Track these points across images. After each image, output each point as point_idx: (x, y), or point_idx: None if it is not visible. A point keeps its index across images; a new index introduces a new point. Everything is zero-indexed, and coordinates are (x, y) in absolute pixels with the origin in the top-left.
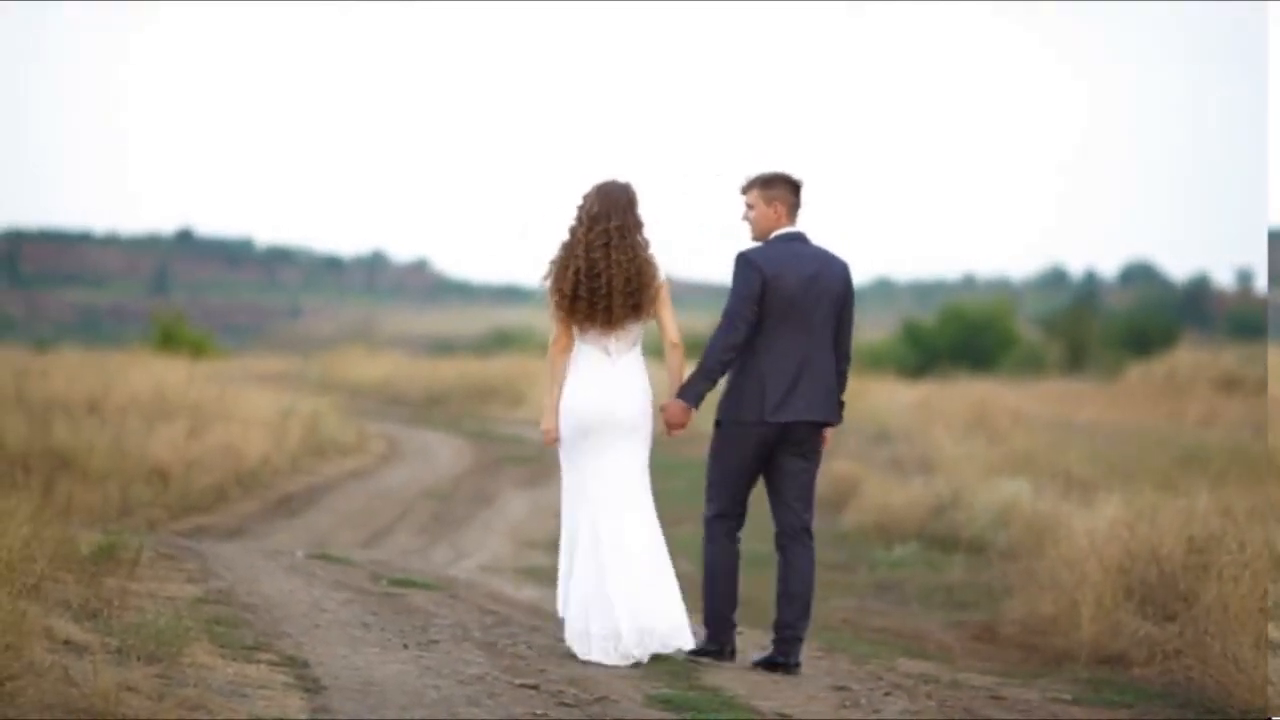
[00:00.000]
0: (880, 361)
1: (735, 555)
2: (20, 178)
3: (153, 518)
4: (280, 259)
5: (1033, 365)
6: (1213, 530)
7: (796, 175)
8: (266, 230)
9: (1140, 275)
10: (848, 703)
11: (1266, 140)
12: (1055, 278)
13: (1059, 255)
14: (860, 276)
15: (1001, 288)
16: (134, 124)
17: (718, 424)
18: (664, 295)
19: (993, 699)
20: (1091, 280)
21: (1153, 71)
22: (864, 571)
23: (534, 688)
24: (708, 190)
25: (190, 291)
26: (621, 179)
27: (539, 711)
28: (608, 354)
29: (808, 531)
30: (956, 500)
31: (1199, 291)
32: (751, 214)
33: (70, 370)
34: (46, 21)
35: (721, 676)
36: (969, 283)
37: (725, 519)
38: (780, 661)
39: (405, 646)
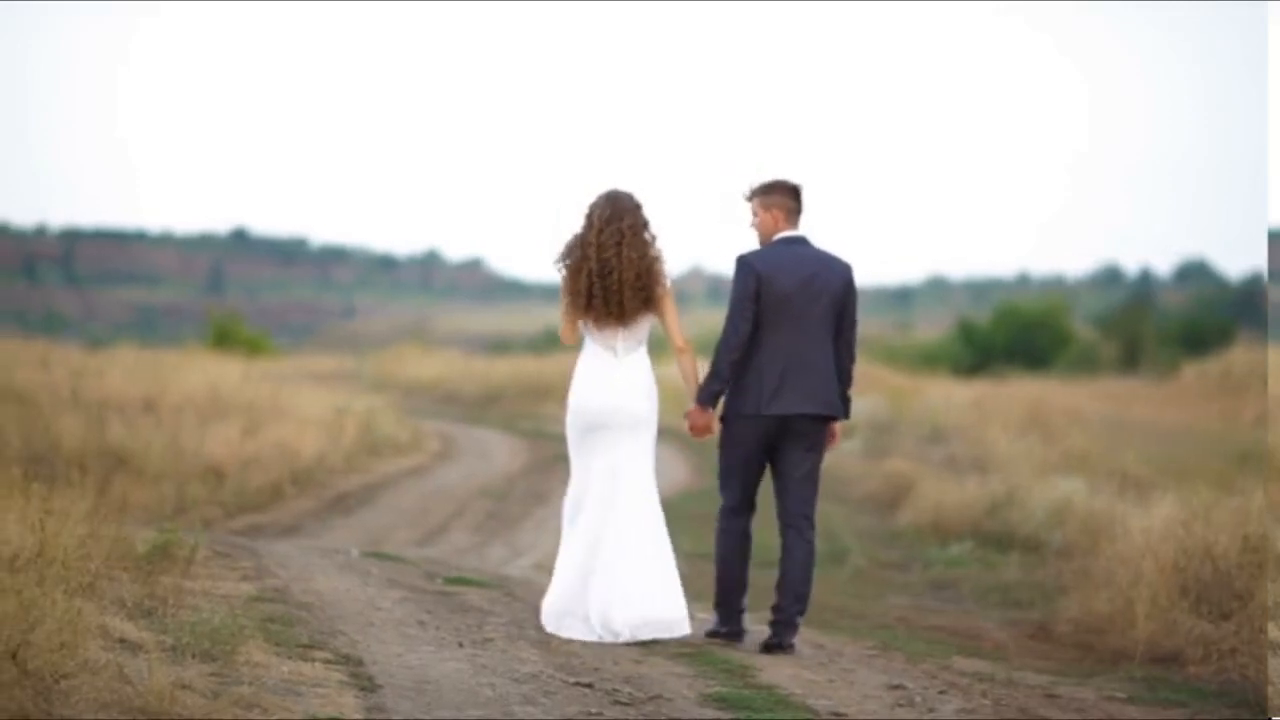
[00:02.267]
0: (935, 360)
1: (745, 545)
2: (75, 177)
3: (208, 516)
4: (335, 258)
5: (1087, 364)
6: (1268, 529)
7: (794, 181)
8: (321, 229)
9: (1195, 274)
10: (903, 701)
11: (1267, 139)
12: (1110, 276)
13: (1114, 253)
14: (914, 275)
15: (1056, 286)
16: (189, 123)
17: (722, 419)
18: (670, 299)
19: (1048, 698)
20: (1146, 279)
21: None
22: (919, 570)
23: (588, 686)
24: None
25: (245, 290)
26: (624, 189)
27: (593, 710)
28: (614, 354)
29: (807, 519)
30: (1011, 499)
31: (1254, 290)
32: (755, 221)
33: (126, 369)
34: (101, 21)
35: (776, 674)
36: (1023, 281)
37: (735, 509)
38: (774, 644)
39: (460, 645)
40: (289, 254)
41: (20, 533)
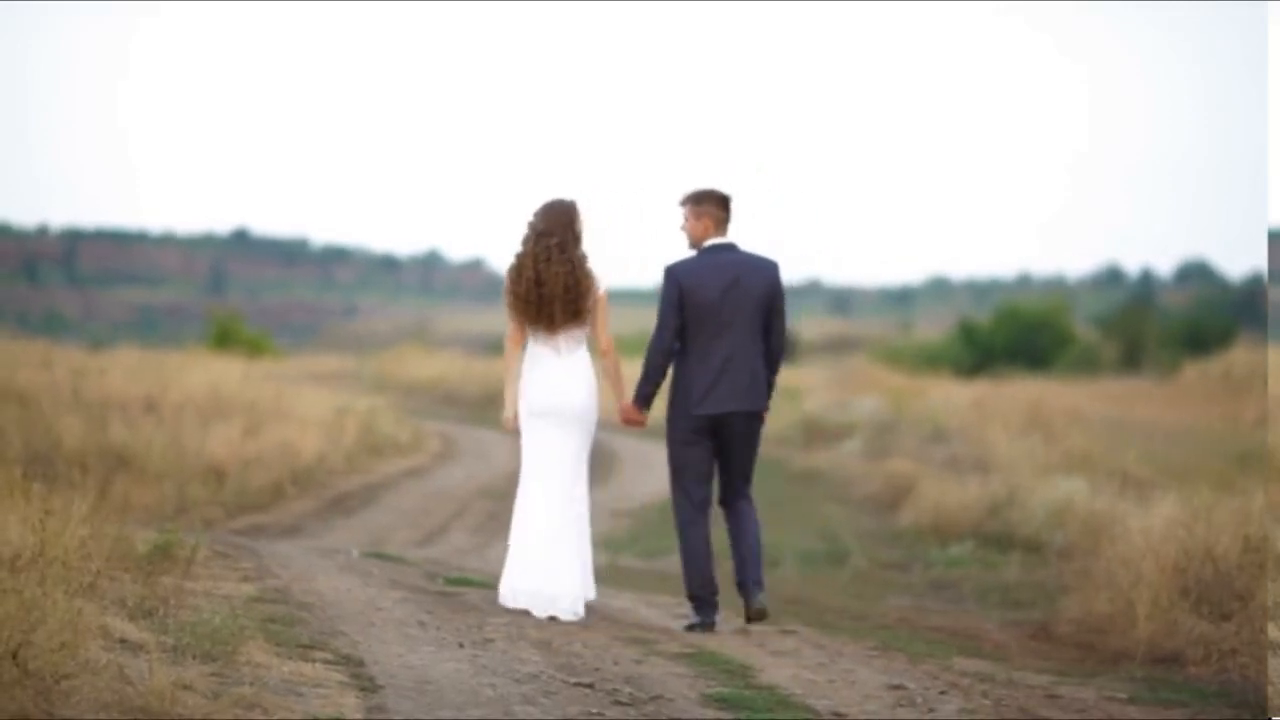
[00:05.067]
0: (936, 360)
1: (705, 540)
2: (76, 177)
3: (209, 516)
4: (336, 258)
5: (1088, 364)
6: (1268, 529)
7: (725, 191)
8: (322, 230)
9: (1196, 274)
10: (903, 701)
11: (1267, 139)
12: (1111, 276)
13: (1115, 254)
14: (915, 275)
15: (1057, 286)
16: (190, 123)
17: (667, 420)
18: (601, 305)
19: (1048, 698)
20: (1147, 279)
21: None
22: (920, 570)
23: (589, 686)
24: (758, 187)
25: (246, 291)
26: (567, 198)
27: (594, 710)
28: (557, 352)
29: (746, 497)
30: (1012, 499)
31: (1255, 290)
32: (685, 226)
33: (127, 369)
34: (101, 21)
35: (777, 675)
36: (1025, 282)
37: (684, 503)
38: (751, 608)
39: (461, 645)
40: (290, 254)
41: (21, 533)
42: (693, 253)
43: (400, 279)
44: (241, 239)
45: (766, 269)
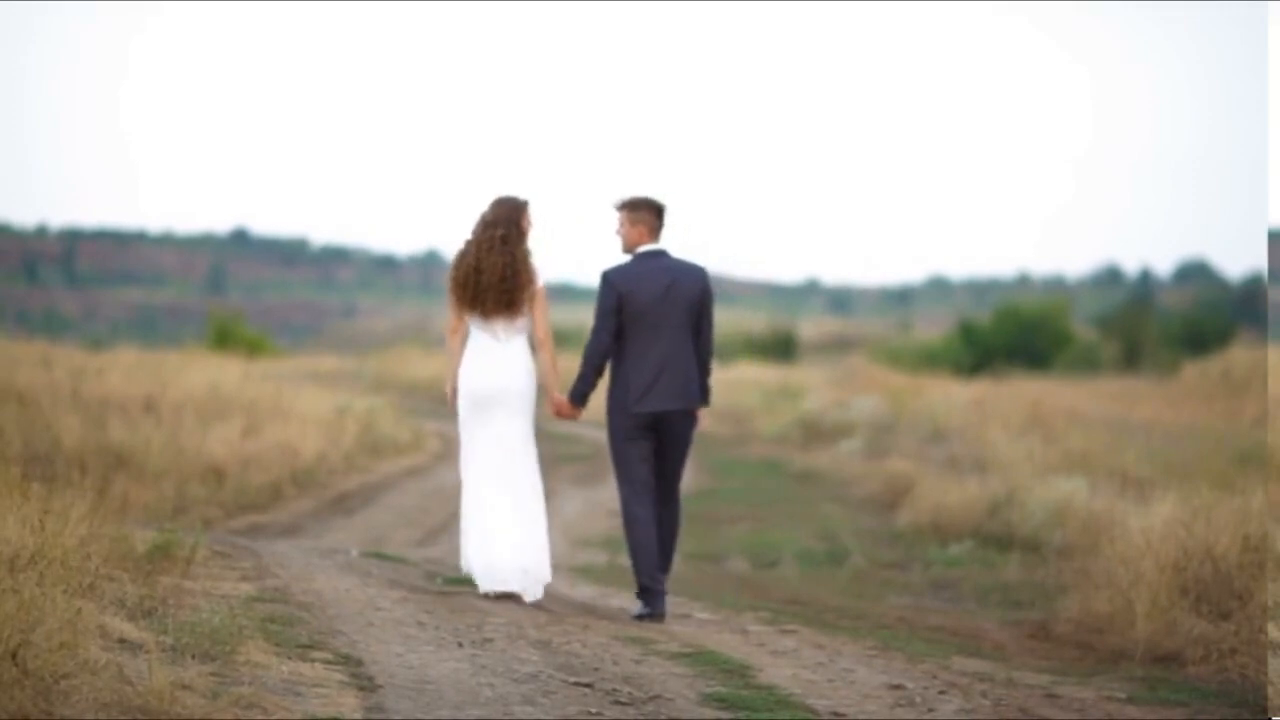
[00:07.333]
0: (935, 360)
1: (651, 530)
2: (76, 177)
3: (208, 516)
4: (335, 258)
5: (1088, 364)
6: (1268, 529)
7: (659, 200)
8: (322, 229)
9: (1196, 274)
10: (903, 701)
11: (1267, 139)
12: (1110, 276)
13: (1114, 254)
14: (915, 275)
15: (1056, 286)
16: (189, 123)
17: (609, 417)
18: (540, 298)
19: (1048, 697)
20: (1147, 279)
21: (1223, 71)
22: (919, 570)
23: (588, 686)
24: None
25: (246, 291)
26: (521, 196)
27: (593, 710)
28: (495, 338)
29: (676, 494)
30: (1012, 499)
31: (1254, 290)
32: (620, 230)
33: (126, 369)
34: (101, 21)
35: (776, 675)
36: (1024, 281)
37: (632, 496)
38: (645, 614)
39: (460, 645)
40: (290, 254)
41: (20, 533)
42: (627, 258)
43: (400, 279)
44: (241, 239)
45: (697, 274)
